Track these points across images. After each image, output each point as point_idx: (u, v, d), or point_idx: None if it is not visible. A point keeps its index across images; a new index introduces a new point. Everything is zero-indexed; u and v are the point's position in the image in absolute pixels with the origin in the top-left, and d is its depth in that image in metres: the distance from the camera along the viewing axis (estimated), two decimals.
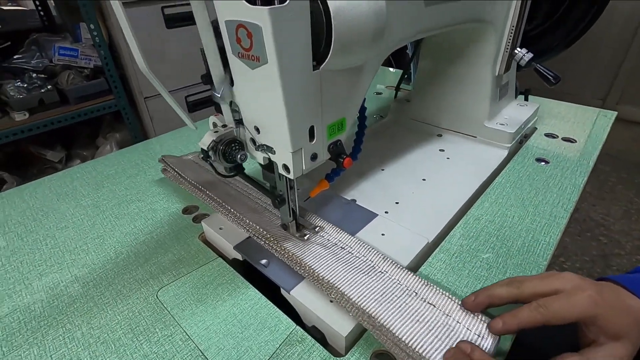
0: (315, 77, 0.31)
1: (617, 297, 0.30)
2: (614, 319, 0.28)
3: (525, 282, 0.31)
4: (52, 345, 0.35)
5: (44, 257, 0.46)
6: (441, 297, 0.33)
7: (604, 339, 0.29)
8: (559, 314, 0.28)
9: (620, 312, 0.29)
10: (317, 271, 0.36)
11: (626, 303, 0.30)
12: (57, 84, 1.11)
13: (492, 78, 0.59)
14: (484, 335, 0.30)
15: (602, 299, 0.29)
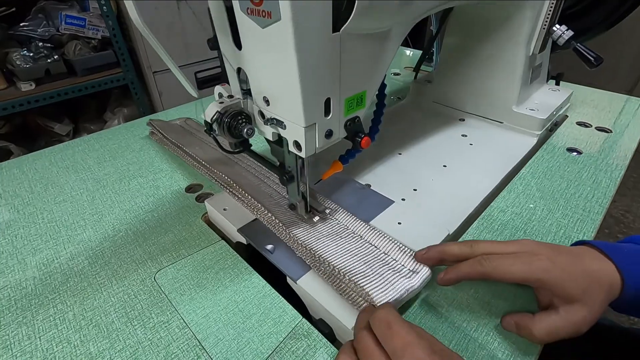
0: (335, 41, 0.27)
1: (574, 262, 0.29)
2: (566, 284, 0.27)
3: (480, 243, 0.31)
4: (42, 326, 0.32)
5: (40, 232, 0.43)
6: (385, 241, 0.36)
7: (558, 301, 0.28)
8: (498, 269, 0.28)
9: (575, 276, 0.28)
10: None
11: (585, 267, 0.28)
12: (63, 55, 1.08)
13: (525, 58, 0.54)
14: (418, 270, 0.33)
15: (553, 263, 0.28)
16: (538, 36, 0.53)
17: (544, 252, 0.29)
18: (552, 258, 0.28)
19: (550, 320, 0.28)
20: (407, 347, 0.22)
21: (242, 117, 0.33)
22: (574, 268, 0.28)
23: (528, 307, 0.33)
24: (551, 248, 0.30)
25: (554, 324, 0.28)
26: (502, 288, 0.34)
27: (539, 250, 0.29)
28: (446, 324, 0.32)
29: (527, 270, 0.28)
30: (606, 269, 0.28)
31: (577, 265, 0.28)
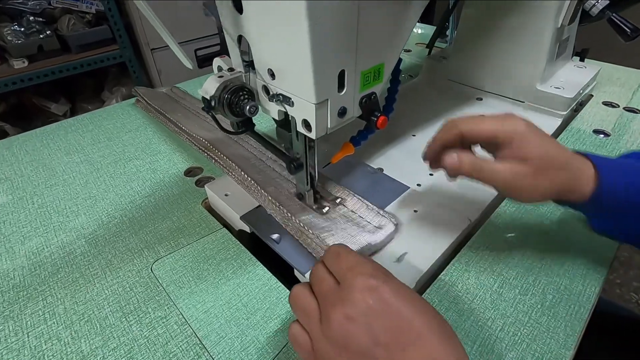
0: (352, 4, 0.23)
1: (556, 145, 0.28)
2: (532, 144, 0.27)
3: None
4: (30, 321, 0.30)
5: (29, 218, 0.41)
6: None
7: (511, 158, 0.27)
8: (470, 125, 0.28)
9: (547, 148, 0.27)
10: None
11: (563, 154, 0.28)
12: (57, 30, 1.03)
13: (553, 31, 0.49)
14: (384, 226, 0.34)
15: (529, 127, 0.27)
16: (569, 6, 0.48)
17: (528, 123, 0.28)
18: (532, 126, 0.27)
19: (497, 165, 0.27)
20: (353, 267, 0.22)
21: (244, 93, 0.29)
22: (549, 144, 0.27)
23: (557, 306, 0.30)
24: (541, 131, 0.28)
25: (497, 167, 0.27)
26: (529, 284, 0.31)
27: (522, 119, 0.28)
28: (469, 321, 0.29)
29: (499, 124, 0.27)
30: (583, 169, 0.28)
31: (557, 148, 0.27)
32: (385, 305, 0.20)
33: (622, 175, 0.28)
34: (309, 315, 0.22)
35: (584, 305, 0.30)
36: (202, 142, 0.45)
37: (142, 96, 0.59)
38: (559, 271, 0.33)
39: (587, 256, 0.34)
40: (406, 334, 0.19)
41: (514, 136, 0.27)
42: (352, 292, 0.21)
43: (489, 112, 0.55)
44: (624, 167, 0.28)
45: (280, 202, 0.35)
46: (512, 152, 0.27)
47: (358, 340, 0.20)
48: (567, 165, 0.27)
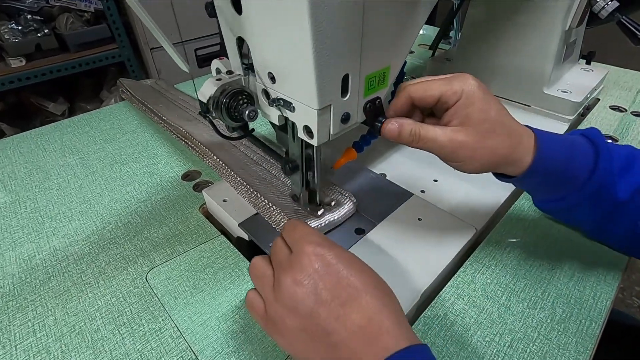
0: (358, 7, 0.21)
1: (501, 108, 0.27)
2: (476, 108, 0.26)
3: None
4: (19, 333, 0.29)
5: (21, 223, 0.39)
6: None
7: (454, 121, 0.26)
8: (419, 86, 0.27)
9: (489, 112, 0.26)
10: None
11: (508, 120, 0.27)
12: (55, 29, 1.02)
13: (561, 33, 0.48)
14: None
15: (480, 87, 0.26)
16: (578, 7, 0.47)
17: (479, 83, 0.27)
18: (482, 87, 0.27)
19: (436, 130, 0.26)
20: (304, 236, 0.24)
21: (243, 97, 0.28)
22: (495, 109, 0.27)
23: (567, 320, 0.29)
24: (490, 93, 0.27)
25: (436, 133, 0.26)
26: (538, 297, 0.30)
27: (473, 79, 0.27)
28: (475, 336, 0.28)
29: (447, 85, 0.26)
30: (524, 138, 0.27)
31: (502, 113, 0.27)
32: (328, 268, 0.22)
33: (557, 147, 0.28)
34: (263, 281, 0.24)
35: (595, 320, 0.29)
36: (189, 137, 0.46)
37: (126, 88, 0.60)
38: (569, 283, 0.31)
39: (598, 266, 0.33)
40: (345, 290, 0.21)
41: (460, 96, 0.26)
42: (301, 258, 0.22)
43: None
44: (564, 140, 0.28)
45: (275, 204, 0.34)
46: (455, 112, 0.26)
47: (304, 301, 0.21)
48: (509, 133, 0.27)
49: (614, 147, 0.29)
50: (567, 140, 0.29)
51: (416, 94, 0.27)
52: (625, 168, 0.28)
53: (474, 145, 0.26)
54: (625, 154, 0.29)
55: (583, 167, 0.28)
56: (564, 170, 0.28)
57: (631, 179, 0.28)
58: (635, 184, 0.28)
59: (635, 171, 0.28)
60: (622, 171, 0.28)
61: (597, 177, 0.28)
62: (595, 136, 0.29)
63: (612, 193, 0.28)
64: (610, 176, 0.28)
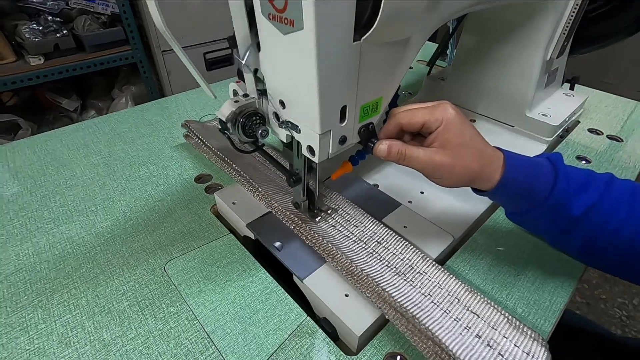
0: (355, 50, 0.26)
1: (475, 135, 0.32)
2: (453, 133, 0.31)
3: None
4: (57, 310, 0.34)
5: (52, 216, 0.44)
6: (486, 307, 0.31)
7: (436, 144, 0.31)
8: (405, 114, 0.32)
9: (465, 137, 0.31)
10: (350, 258, 0.34)
11: (479, 144, 0.32)
12: (72, 29, 1.07)
13: (542, 63, 0.53)
14: (534, 353, 0.27)
15: (457, 114, 0.31)
16: (557, 41, 0.52)
17: (457, 111, 0.32)
18: (459, 115, 0.32)
19: (419, 151, 0.31)
20: None
21: (257, 118, 0.33)
22: (470, 134, 0.32)
23: (525, 319, 0.34)
24: (467, 120, 0.32)
25: (419, 154, 0.31)
26: (503, 298, 0.35)
27: (452, 108, 0.32)
28: None
29: (429, 114, 0.31)
30: (494, 159, 0.32)
31: (475, 138, 0.32)
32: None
33: (522, 167, 0.33)
34: None
35: (549, 320, 0.34)
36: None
37: (195, 133, 0.53)
38: (531, 287, 0.36)
39: (557, 274, 0.38)
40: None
41: (441, 123, 0.31)
42: None
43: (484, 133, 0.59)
44: (528, 162, 0.33)
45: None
46: (436, 137, 0.31)
47: None
48: (481, 154, 0.32)
49: (573, 170, 0.34)
50: (531, 162, 0.34)
51: (404, 120, 0.32)
52: (581, 189, 0.33)
53: (450, 164, 0.31)
54: (583, 176, 0.34)
55: (544, 185, 0.33)
56: (527, 187, 0.33)
57: (585, 199, 0.33)
58: (588, 203, 0.32)
59: (589, 192, 0.33)
60: (578, 191, 0.33)
61: (555, 195, 0.32)
62: (557, 160, 0.34)
63: (568, 209, 0.33)
64: (567, 195, 0.33)
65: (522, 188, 0.33)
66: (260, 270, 0.38)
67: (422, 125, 0.32)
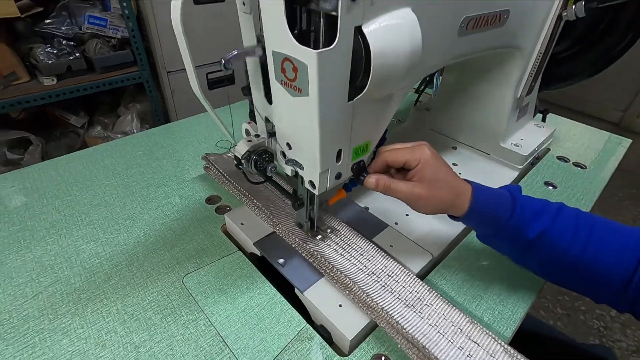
0: (349, 108, 0.33)
1: (449, 172, 0.39)
2: (428, 171, 0.38)
3: None
4: (92, 317, 0.39)
5: (81, 234, 0.50)
6: (485, 337, 0.36)
7: (416, 179, 0.38)
8: (390, 154, 0.39)
9: (439, 174, 0.38)
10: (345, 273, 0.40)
11: (453, 180, 0.39)
12: (84, 52, 1.13)
13: (513, 100, 0.60)
14: None
15: (433, 155, 0.38)
16: (526, 81, 0.59)
17: (432, 152, 0.39)
18: (434, 155, 0.39)
19: (401, 184, 0.38)
20: None
21: (267, 155, 0.39)
22: (443, 171, 0.39)
23: (489, 327, 0.40)
24: (441, 159, 0.39)
25: (401, 187, 0.38)
26: (473, 308, 0.41)
27: (429, 149, 0.39)
28: None
29: (410, 154, 0.38)
30: (464, 191, 0.39)
31: (448, 174, 0.39)
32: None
33: (486, 198, 0.39)
34: None
35: (510, 327, 0.40)
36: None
37: (216, 167, 0.57)
38: (497, 299, 0.43)
39: (520, 288, 0.44)
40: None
41: (419, 162, 0.38)
42: None
43: (461, 160, 0.66)
44: (492, 193, 0.40)
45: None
46: (415, 173, 0.38)
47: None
48: (452, 187, 0.38)
49: (529, 199, 0.41)
50: (494, 193, 0.40)
51: (389, 159, 0.39)
52: (535, 216, 0.39)
53: (427, 196, 0.38)
54: (537, 205, 0.40)
55: (504, 214, 0.39)
56: (490, 215, 0.40)
57: (537, 225, 0.39)
58: (540, 229, 0.39)
59: (541, 219, 0.39)
60: (532, 218, 0.39)
61: (513, 221, 0.39)
62: (515, 191, 0.41)
63: (524, 234, 0.39)
64: (522, 222, 0.39)
65: (487, 216, 0.40)
66: (266, 284, 0.44)
67: (404, 163, 0.38)
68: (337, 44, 0.28)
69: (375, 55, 0.30)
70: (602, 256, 0.37)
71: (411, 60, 0.33)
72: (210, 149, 0.68)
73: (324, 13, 0.29)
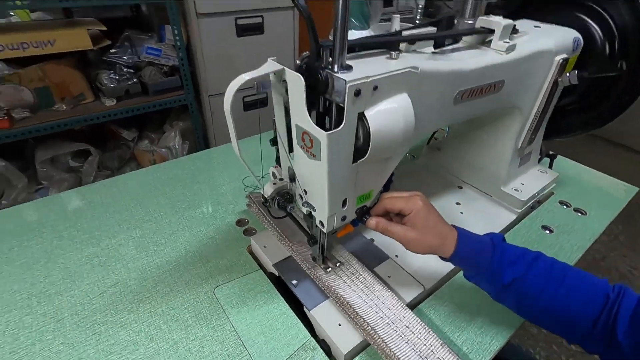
0: (354, 168, 0.42)
1: (438, 220, 0.46)
2: (419, 219, 0.45)
3: None
4: (143, 315, 0.50)
5: (135, 244, 0.61)
6: None
7: (410, 224, 0.46)
8: (390, 201, 0.47)
9: (428, 222, 0.45)
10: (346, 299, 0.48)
11: (441, 228, 0.46)
12: (140, 77, 1.30)
13: (513, 149, 0.67)
14: None
15: (425, 206, 0.46)
16: (525, 135, 0.66)
17: (424, 204, 0.46)
18: (426, 205, 0.46)
19: (397, 227, 0.46)
20: None
21: (288, 197, 0.49)
22: (433, 219, 0.46)
23: (467, 357, 0.46)
24: (432, 208, 0.47)
25: (397, 229, 0.46)
26: (455, 338, 0.48)
27: (422, 201, 0.46)
28: None
29: (405, 204, 0.46)
30: (450, 236, 0.46)
31: (437, 221, 0.46)
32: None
33: (469, 244, 0.46)
34: None
35: (485, 357, 0.46)
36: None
37: (258, 207, 0.63)
38: (477, 331, 0.49)
39: (500, 323, 0.50)
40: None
41: (412, 210, 0.45)
42: None
43: (465, 200, 0.72)
44: (475, 239, 0.47)
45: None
46: (408, 220, 0.45)
47: None
48: (440, 233, 0.45)
49: (509, 247, 0.47)
50: (477, 240, 0.47)
51: (387, 206, 0.47)
52: (511, 263, 0.46)
53: (418, 239, 0.45)
54: (515, 253, 0.47)
55: (484, 258, 0.46)
56: (472, 258, 0.46)
57: (513, 271, 0.45)
58: (515, 275, 0.45)
59: (517, 266, 0.46)
60: (509, 265, 0.46)
61: (492, 266, 0.46)
62: (497, 239, 0.47)
63: (501, 278, 0.46)
64: (500, 267, 0.46)
65: (469, 259, 0.47)
66: (280, 300, 0.53)
67: (400, 210, 0.46)
68: (343, 126, 0.37)
69: (374, 133, 0.39)
70: (571, 303, 0.43)
71: (405, 136, 0.41)
72: (242, 175, 0.78)
73: (335, 102, 0.38)
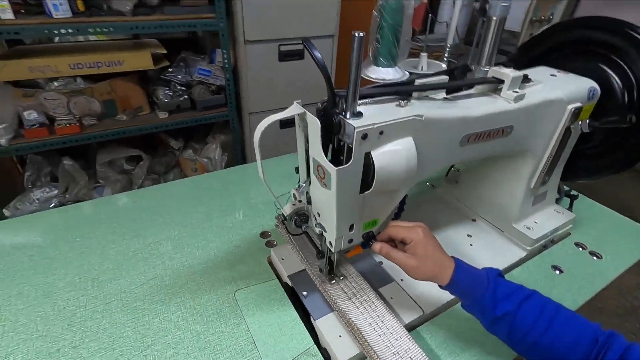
0: (360, 198, 0.48)
1: (436, 249, 0.51)
2: (419, 248, 0.50)
3: None
4: (174, 307, 0.58)
5: (172, 245, 0.71)
6: None
7: (410, 252, 0.50)
8: (394, 230, 0.52)
9: (427, 251, 0.50)
10: (348, 314, 0.54)
11: (438, 256, 0.50)
12: (190, 94, 1.45)
13: (526, 190, 0.69)
14: None
15: (425, 236, 0.50)
16: (538, 177, 0.68)
17: (424, 232, 0.51)
18: (426, 236, 0.51)
19: (399, 254, 0.51)
20: None
21: (304, 217, 0.56)
22: (432, 249, 0.50)
23: None
24: (430, 237, 0.51)
25: (398, 256, 0.51)
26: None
27: (423, 232, 0.51)
28: None
29: (407, 233, 0.51)
30: (447, 266, 0.50)
31: (436, 251, 0.50)
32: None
33: (465, 275, 0.49)
34: None
35: None
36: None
37: (287, 230, 0.64)
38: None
39: (493, 355, 0.53)
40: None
41: (412, 240, 0.50)
42: None
43: (476, 233, 0.75)
44: (472, 272, 0.50)
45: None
46: (410, 247, 0.50)
47: None
48: (438, 262, 0.50)
49: (504, 283, 0.50)
50: (473, 272, 0.51)
51: (391, 233, 0.52)
52: (503, 298, 0.49)
53: (417, 266, 0.50)
54: (509, 289, 0.50)
55: (479, 289, 0.49)
56: (468, 289, 0.50)
57: (504, 306, 0.48)
58: (506, 310, 0.48)
59: (509, 302, 0.48)
60: (501, 299, 0.49)
61: (484, 299, 0.49)
62: (492, 273, 0.51)
63: (492, 311, 0.49)
64: (492, 301, 0.49)
65: (464, 289, 0.50)
66: (291, 308, 0.59)
67: (402, 239, 0.52)
68: (351, 164, 0.44)
69: (378, 170, 0.45)
70: (559, 342, 0.46)
71: (407, 174, 0.47)
72: None
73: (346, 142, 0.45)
